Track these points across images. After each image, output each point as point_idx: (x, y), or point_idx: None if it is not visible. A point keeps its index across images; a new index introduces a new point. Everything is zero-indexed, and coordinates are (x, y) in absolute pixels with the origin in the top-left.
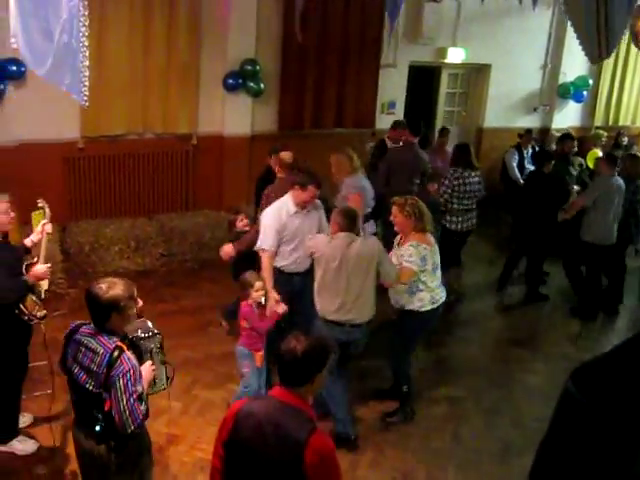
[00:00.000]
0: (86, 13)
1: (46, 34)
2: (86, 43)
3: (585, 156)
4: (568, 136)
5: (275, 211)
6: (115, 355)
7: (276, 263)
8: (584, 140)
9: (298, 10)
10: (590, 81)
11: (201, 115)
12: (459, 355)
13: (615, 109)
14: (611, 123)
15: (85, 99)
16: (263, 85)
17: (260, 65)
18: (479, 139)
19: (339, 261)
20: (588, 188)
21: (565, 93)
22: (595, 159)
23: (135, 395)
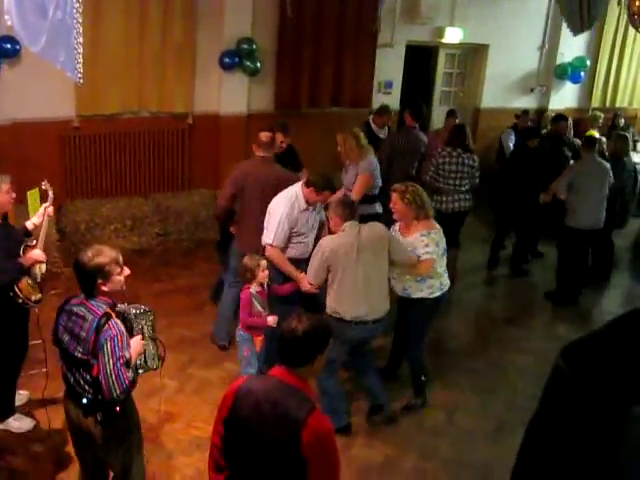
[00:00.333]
0: None
1: (40, 11)
2: (80, 19)
3: (582, 137)
4: (561, 117)
5: (289, 208)
6: (103, 320)
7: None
8: (581, 121)
9: None
10: (588, 62)
11: (197, 94)
12: (453, 335)
13: (612, 90)
14: (608, 104)
15: (79, 76)
16: (259, 64)
17: (256, 44)
18: (476, 119)
19: (357, 251)
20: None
21: (562, 74)
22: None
23: (122, 360)
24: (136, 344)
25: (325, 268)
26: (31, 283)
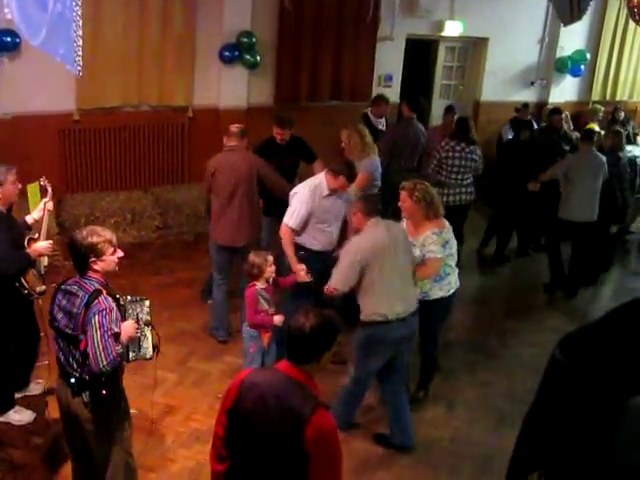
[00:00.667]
0: None
1: (40, 4)
2: (80, 12)
3: (581, 131)
4: (556, 111)
5: (310, 192)
6: (93, 296)
7: (304, 243)
8: (581, 115)
9: None
10: (588, 55)
11: (197, 87)
12: (453, 328)
13: (612, 84)
14: (608, 98)
15: (79, 69)
16: (259, 57)
17: (256, 37)
18: (476, 113)
19: (392, 245)
20: (558, 161)
21: (562, 67)
22: None
23: (110, 332)
24: (128, 327)
25: (358, 271)
26: (35, 275)
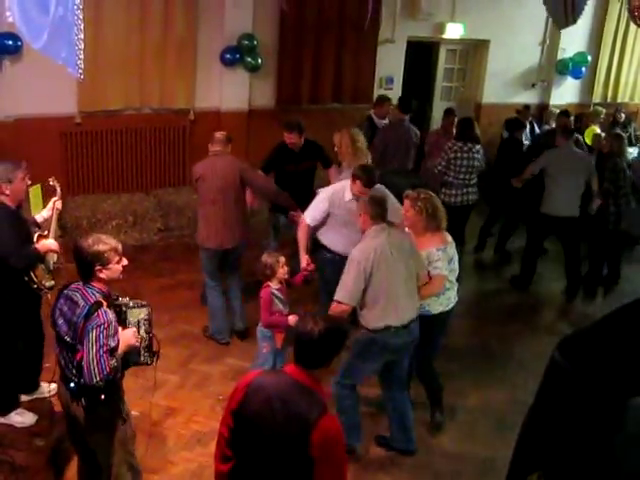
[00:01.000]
0: None
1: (42, 7)
2: (81, 16)
3: (583, 133)
4: (564, 113)
5: (330, 193)
6: (93, 308)
7: (327, 244)
8: (582, 117)
9: None
10: (589, 57)
11: (198, 90)
12: (453, 330)
13: (614, 85)
14: (609, 100)
15: (80, 72)
16: (261, 60)
17: (257, 40)
18: (477, 115)
19: (394, 253)
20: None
21: (564, 69)
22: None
23: (105, 348)
24: (126, 335)
25: (363, 280)
26: (44, 270)
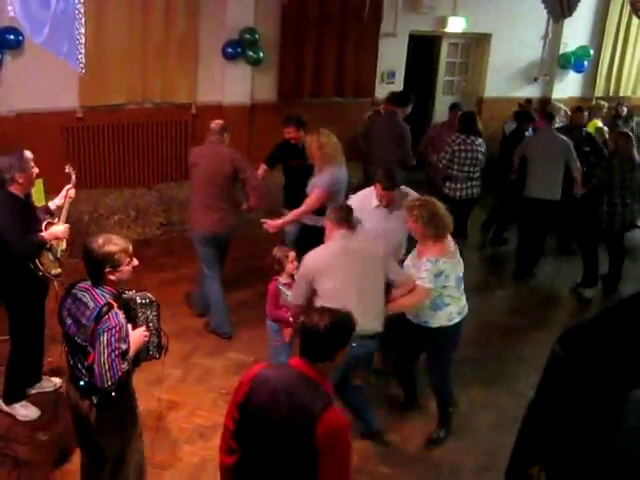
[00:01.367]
0: None
1: (43, 1)
2: (82, 10)
3: (585, 126)
4: (579, 108)
5: (360, 198)
6: (104, 310)
7: None
8: (584, 111)
9: None
10: (591, 51)
11: (200, 84)
12: None
13: (616, 79)
14: (612, 93)
15: (82, 66)
16: (262, 54)
17: (259, 33)
18: (479, 109)
19: (350, 260)
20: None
21: (566, 63)
22: None
23: (117, 352)
24: (137, 336)
25: (305, 284)
26: (51, 258)
